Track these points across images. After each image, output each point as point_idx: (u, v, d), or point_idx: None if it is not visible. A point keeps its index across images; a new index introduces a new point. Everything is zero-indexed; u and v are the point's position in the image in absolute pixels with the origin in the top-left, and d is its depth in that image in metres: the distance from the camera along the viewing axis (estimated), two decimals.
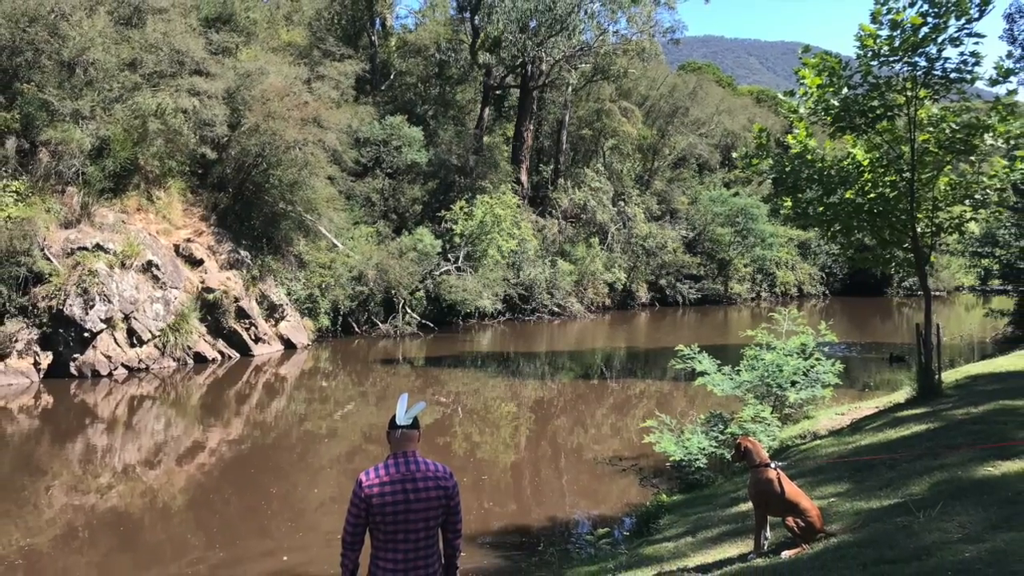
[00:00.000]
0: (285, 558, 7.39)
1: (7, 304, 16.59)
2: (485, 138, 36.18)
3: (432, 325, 27.94)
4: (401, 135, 31.18)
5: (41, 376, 16.58)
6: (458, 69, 37.53)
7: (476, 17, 34.59)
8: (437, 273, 28.63)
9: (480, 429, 13.76)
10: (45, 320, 16.82)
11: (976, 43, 8.34)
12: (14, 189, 17.53)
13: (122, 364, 17.66)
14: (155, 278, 19.07)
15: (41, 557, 7.45)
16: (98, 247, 18.21)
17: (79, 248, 17.95)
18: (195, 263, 21.12)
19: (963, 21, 8.26)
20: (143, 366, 18.06)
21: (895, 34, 8.55)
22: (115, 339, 17.79)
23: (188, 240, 21.57)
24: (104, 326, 17.42)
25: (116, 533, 8.11)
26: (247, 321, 21.37)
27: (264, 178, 23.94)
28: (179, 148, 21.57)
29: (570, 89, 40.25)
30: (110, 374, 17.25)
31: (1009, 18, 20.79)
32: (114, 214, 19.68)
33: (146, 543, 7.82)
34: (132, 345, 18.14)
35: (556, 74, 37.32)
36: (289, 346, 22.57)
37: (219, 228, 22.93)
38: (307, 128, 23.65)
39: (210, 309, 20.54)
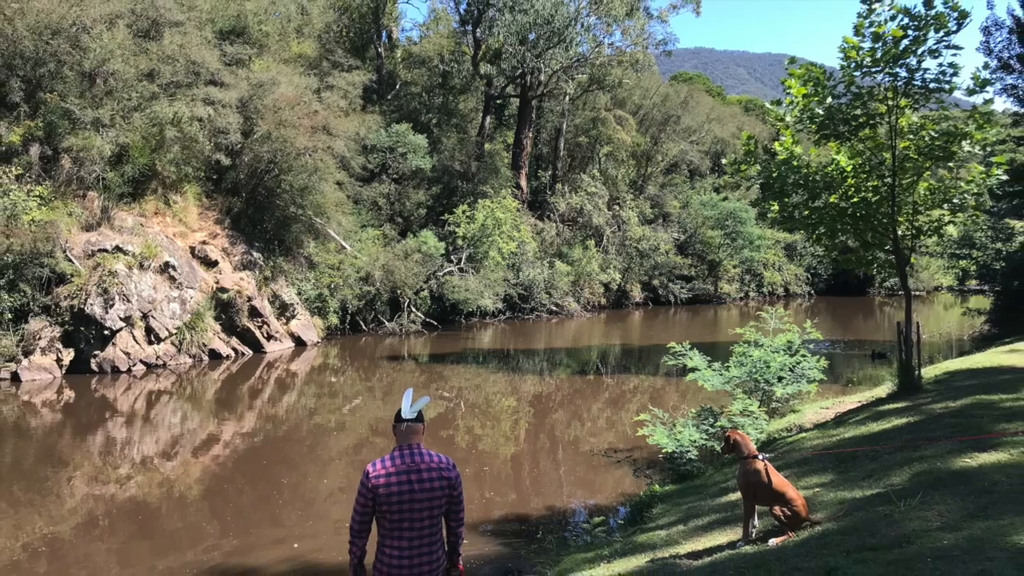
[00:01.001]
0: (296, 545, 7.51)
1: (31, 303, 17.06)
2: (486, 145, 36.64)
3: (436, 323, 28.41)
4: (406, 142, 31.69)
5: (63, 372, 16.96)
6: (460, 79, 38.03)
7: (478, 30, 35.07)
8: (441, 274, 29.15)
9: (481, 422, 13.92)
10: (67, 319, 17.23)
11: (954, 55, 8.40)
12: (38, 194, 18.00)
13: (140, 360, 18.06)
14: (172, 278, 19.55)
15: (63, 544, 7.59)
16: (117, 249, 18.67)
17: (99, 250, 18.40)
18: (210, 264, 21.60)
19: (942, 34, 8.32)
20: (160, 362, 18.47)
21: (877, 46, 8.62)
22: (134, 337, 18.21)
23: (203, 242, 22.05)
24: (123, 324, 17.86)
25: (135, 521, 8.27)
26: (259, 319, 21.82)
27: (276, 183, 24.42)
28: (195, 155, 22.00)
29: (567, 98, 40.93)
30: (129, 370, 17.62)
31: (986, 31, 20.84)
32: (133, 218, 20.19)
33: (163, 531, 7.98)
34: (150, 342, 18.57)
35: (554, 84, 37.83)
36: (299, 343, 23.00)
37: (233, 231, 23.42)
38: (317, 136, 24.07)
39: (224, 308, 20.98)
